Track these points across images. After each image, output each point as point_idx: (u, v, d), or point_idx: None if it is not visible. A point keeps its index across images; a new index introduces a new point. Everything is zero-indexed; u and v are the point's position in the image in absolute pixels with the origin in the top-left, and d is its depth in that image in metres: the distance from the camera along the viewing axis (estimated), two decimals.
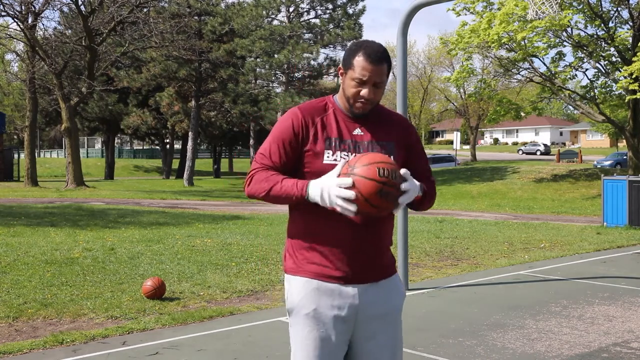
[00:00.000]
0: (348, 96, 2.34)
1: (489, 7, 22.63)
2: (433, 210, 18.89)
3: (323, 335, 2.33)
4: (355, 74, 2.29)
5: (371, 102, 2.34)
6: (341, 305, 2.33)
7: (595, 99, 23.59)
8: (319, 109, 2.40)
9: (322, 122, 2.36)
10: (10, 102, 53.32)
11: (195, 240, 10.98)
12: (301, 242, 2.39)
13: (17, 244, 10.20)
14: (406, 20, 7.31)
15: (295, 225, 2.42)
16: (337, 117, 2.38)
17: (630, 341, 5.24)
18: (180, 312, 6.06)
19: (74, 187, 27.56)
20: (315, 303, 2.33)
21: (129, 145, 72.56)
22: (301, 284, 2.37)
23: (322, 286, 2.34)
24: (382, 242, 2.41)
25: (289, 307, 2.41)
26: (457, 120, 69.38)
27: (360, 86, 2.30)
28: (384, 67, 2.31)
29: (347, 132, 2.36)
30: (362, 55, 2.29)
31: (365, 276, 2.36)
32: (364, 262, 2.35)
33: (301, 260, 2.39)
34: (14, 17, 27.31)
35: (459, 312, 6.19)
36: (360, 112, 2.35)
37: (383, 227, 2.39)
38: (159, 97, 36.64)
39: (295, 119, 2.36)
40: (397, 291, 2.46)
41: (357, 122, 2.39)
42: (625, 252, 10.29)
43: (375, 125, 2.41)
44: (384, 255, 2.42)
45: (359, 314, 2.35)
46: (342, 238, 2.32)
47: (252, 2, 34.09)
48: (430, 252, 10.11)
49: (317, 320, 2.33)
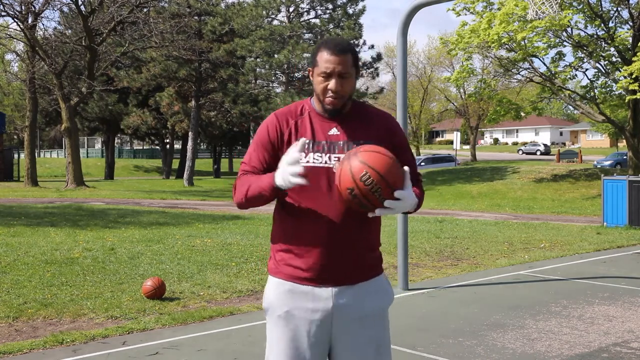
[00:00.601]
0: (318, 93, 2.33)
1: (489, 7, 22.62)
2: (433, 210, 18.90)
3: (295, 337, 2.32)
4: (320, 68, 2.30)
5: (340, 96, 2.30)
6: (315, 307, 2.31)
7: (595, 99, 23.58)
8: (295, 112, 2.40)
9: (296, 125, 2.36)
10: (10, 102, 53.32)
11: (195, 240, 10.98)
12: (279, 244, 2.40)
13: (17, 244, 10.20)
14: (406, 20, 7.31)
15: (275, 227, 2.43)
16: (312, 119, 2.37)
17: (630, 341, 5.24)
18: (180, 312, 6.06)
19: (74, 187, 27.56)
20: (288, 305, 2.33)
21: (129, 145, 72.56)
22: (275, 285, 2.38)
23: (295, 288, 2.34)
24: (362, 244, 2.36)
25: (264, 306, 2.43)
26: (457, 120, 69.37)
27: (326, 80, 2.29)
28: (347, 57, 2.29)
29: (321, 133, 2.34)
30: (323, 49, 2.31)
31: (341, 278, 2.33)
32: (339, 264, 2.32)
33: (278, 261, 2.39)
34: (14, 17, 27.31)
35: (459, 312, 6.19)
36: (332, 108, 2.32)
37: (363, 228, 2.35)
38: (159, 97, 36.64)
39: (271, 124, 2.38)
40: (380, 293, 2.41)
41: (334, 122, 2.36)
42: (625, 252, 10.29)
43: (354, 124, 2.38)
44: (363, 257, 2.37)
45: (335, 316, 2.32)
46: (317, 240, 2.30)
47: (252, 2, 34.10)
48: (430, 252, 10.11)
49: (289, 322, 2.33)
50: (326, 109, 2.35)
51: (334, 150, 2.32)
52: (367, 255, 2.39)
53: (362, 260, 2.37)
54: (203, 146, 58.63)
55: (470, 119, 54.35)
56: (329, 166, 2.31)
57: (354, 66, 2.34)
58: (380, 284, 2.43)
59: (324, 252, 2.30)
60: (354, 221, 2.32)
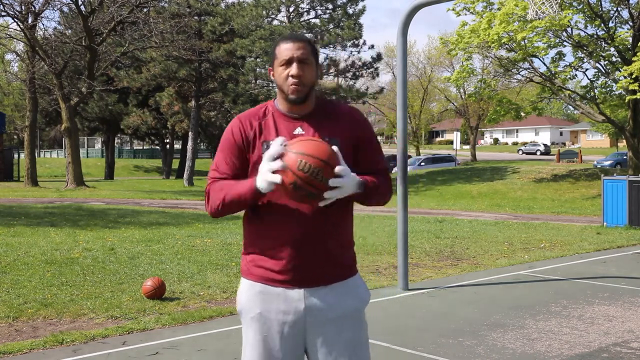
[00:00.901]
0: (281, 85, 2.31)
1: (489, 7, 22.62)
2: (433, 210, 18.91)
3: (268, 339, 2.30)
4: (279, 59, 2.30)
5: (302, 82, 2.28)
6: (287, 309, 2.29)
7: (595, 99, 23.58)
8: (258, 114, 2.38)
9: (260, 127, 2.34)
10: (10, 102, 53.33)
11: (195, 240, 10.99)
12: (250, 245, 2.38)
13: (17, 244, 10.20)
14: (406, 20, 7.31)
15: (245, 228, 2.40)
16: (276, 119, 2.35)
17: (630, 341, 5.24)
18: (180, 312, 6.06)
19: (74, 187, 27.56)
20: (260, 307, 2.31)
21: (129, 145, 72.57)
22: (247, 287, 2.36)
23: (266, 290, 2.31)
24: (333, 243, 2.32)
25: (237, 309, 2.41)
26: (457, 120, 69.38)
27: (287, 67, 2.29)
28: (303, 44, 2.30)
29: (286, 133, 2.31)
30: (281, 42, 2.33)
31: (312, 279, 2.30)
32: (311, 265, 2.29)
33: (249, 262, 2.37)
34: (14, 17, 27.31)
35: (459, 312, 6.19)
36: (295, 97, 2.29)
37: (335, 227, 2.32)
38: (159, 97, 36.64)
39: (235, 127, 2.36)
40: (354, 294, 2.37)
41: (299, 121, 2.34)
42: (625, 252, 10.29)
43: (319, 122, 2.34)
44: (336, 256, 2.34)
45: (308, 318, 2.30)
46: (287, 240, 2.27)
47: (252, 2, 34.09)
48: (430, 252, 10.11)
49: (262, 324, 2.31)
50: (290, 100, 2.31)
51: None
52: (340, 254, 2.36)
53: (335, 260, 2.33)
54: (203, 146, 58.60)
55: (470, 119, 54.35)
56: None
57: (313, 56, 2.33)
58: (355, 284, 2.39)
59: (295, 252, 2.28)
60: (325, 220, 2.29)
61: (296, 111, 2.35)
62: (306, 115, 2.35)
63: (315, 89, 2.38)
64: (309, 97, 2.34)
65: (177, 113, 37.03)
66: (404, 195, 7.29)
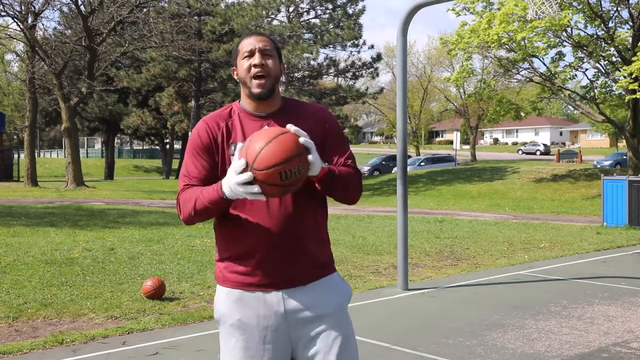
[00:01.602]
0: (244, 78, 2.28)
1: (488, 7, 22.62)
2: (433, 210, 18.91)
3: (250, 346, 2.25)
4: (241, 53, 2.29)
5: (266, 72, 2.25)
6: (266, 313, 2.24)
7: (595, 99, 23.58)
8: (224, 115, 2.33)
9: (227, 128, 2.30)
10: (10, 102, 53.30)
11: (195, 240, 10.98)
12: (223, 251, 2.32)
13: (17, 244, 10.20)
14: (406, 20, 7.31)
15: (217, 233, 2.34)
16: (242, 120, 2.31)
17: (630, 341, 5.24)
18: (180, 312, 6.06)
19: (73, 187, 27.55)
20: (239, 313, 2.26)
21: (129, 145, 72.57)
22: (225, 294, 2.30)
23: (244, 295, 2.26)
24: (308, 242, 2.27)
25: (215, 317, 2.35)
26: (457, 120, 69.39)
27: (249, 59, 2.27)
28: (265, 38, 2.30)
29: (253, 133, 2.25)
30: (243, 39, 2.32)
31: (290, 280, 2.25)
32: (286, 266, 2.24)
33: (223, 269, 2.31)
34: (14, 17, 27.31)
35: (459, 312, 6.19)
36: (260, 90, 2.25)
37: (306, 225, 2.27)
38: (158, 97, 36.65)
39: (202, 130, 2.31)
40: (334, 291, 2.32)
41: (265, 120, 2.30)
42: (625, 252, 10.29)
43: (286, 120, 2.28)
44: (311, 255, 2.28)
45: (289, 320, 2.25)
46: (261, 242, 2.22)
47: (252, 2, 34.09)
48: (430, 252, 10.11)
49: (242, 331, 2.26)
50: (254, 94, 2.26)
51: None
52: (317, 252, 2.30)
53: (312, 258, 2.28)
54: None
55: (470, 119, 54.36)
56: None
57: (276, 51, 2.31)
58: (334, 281, 2.34)
59: (269, 254, 2.22)
60: (300, 218, 2.24)
61: (262, 109, 2.31)
62: (272, 114, 2.32)
63: (278, 86, 2.35)
64: (274, 91, 2.30)
65: (177, 113, 37.04)
66: (403, 195, 7.29)
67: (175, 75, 34.86)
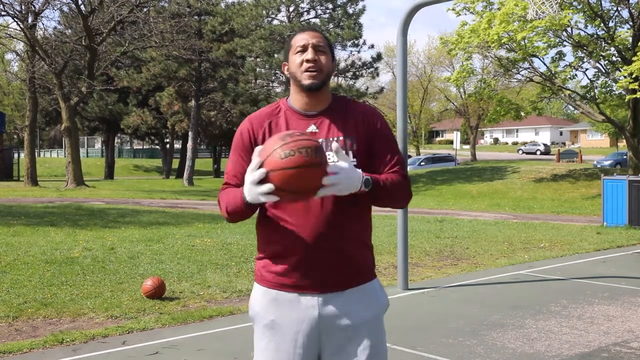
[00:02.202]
0: (294, 72, 2.23)
1: (489, 7, 22.62)
2: (433, 210, 18.90)
3: (281, 347, 2.21)
4: (294, 48, 2.25)
5: (318, 67, 2.21)
6: (300, 317, 2.19)
7: (595, 98, 23.58)
8: (270, 113, 2.30)
9: (270, 126, 2.25)
10: (10, 101, 53.34)
11: (195, 239, 10.98)
12: (263, 250, 2.29)
13: (17, 243, 10.20)
14: (406, 20, 7.30)
15: (258, 232, 2.32)
16: (287, 118, 2.26)
17: (630, 341, 5.24)
18: (180, 312, 6.06)
19: (73, 187, 27.55)
20: (273, 314, 2.22)
21: (129, 145, 72.55)
22: (261, 293, 2.28)
23: (280, 296, 2.22)
24: (350, 247, 2.21)
25: (250, 315, 2.33)
26: (457, 120, 69.38)
27: (302, 54, 2.23)
28: (319, 34, 2.27)
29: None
30: (296, 34, 2.29)
31: (327, 285, 2.19)
32: (325, 270, 2.18)
33: (261, 267, 2.28)
34: (14, 17, 27.30)
35: (459, 312, 6.19)
36: (311, 82, 2.20)
37: (349, 229, 2.20)
38: (159, 97, 36.65)
39: (244, 129, 2.28)
40: (371, 301, 2.26)
41: (313, 119, 2.25)
42: (625, 252, 10.29)
43: (333, 119, 2.24)
44: (352, 261, 2.22)
45: (322, 325, 2.19)
46: (301, 243, 2.16)
47: (252, 2, 34.09)
48: (430, 252, 10.11)
49: (275, 332, 2.22)
50: (305, 86, 2.21)
51: None
52: (356, 259, 2.24)
53: (352, 264, 2.22)
54: (203, 146, 58.62)
55: (470, 119, 54.36)
56: None
57: (328, 48, 2.27)
58: (372, 289, 2.28)
59: (308, 256, 2.17)
60: (342, 221, 2.18)
61: (311, 107, 2.26)
62: (321, 112, 2.26)
63: (329, 83, 2.30)
64: (324, 86, 2.25)
65: (177, 113, 37.03)
66: None
67: (176, 75, 34.85)
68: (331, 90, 2.34)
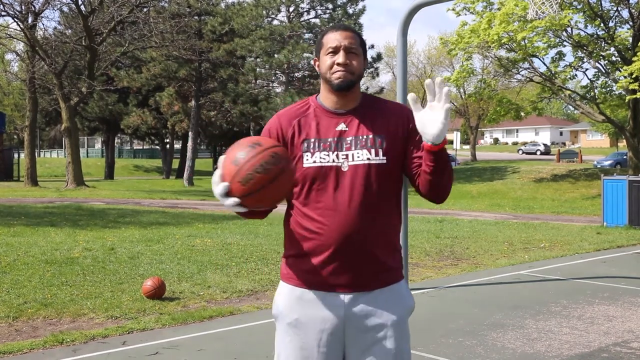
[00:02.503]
0: (325, 72, 2.21)
1: (489, 7, 22.64)
2: (433, 210, 18.89)
3: (305, 346, 2.19)
4: (326, 47, 2.21)
5: (349, 70, 2.18)
6: (325, 316, 2.18)
7: (595, 98, 23.59)
8: (299, 110, 2.28)
9: (299, 124, 2.24)
10: (10, 102, 53.31)
11: (195, 240, 10.98)
12: (289, 248, 2.28)
13: (17, 243, 10.20)
14: (406, 20, 7.30)
15: (285, 231, 2.30)
16: (317, 115, 2.24)
17: (630, 341, 5.24)
18: (180, 312, 6.06)
19: (73, 187, 27.56)
20: (298, 312, 2.21)
21: (129, 145, 72.54)
22: (286, 291, 2.26)
23: (306, 295, 2.21)
24: (377, 247, 2.19)
25: (273, 313, 2.31)
26: (457, 120, 69.36)
27: (334, 55, 2.19)
28: (352, 34, 2.22)
29: (328, 130, 2.21)
30: (329, 31, 2.24)
31: (355, 284, 2.18)
32: (352, 270, 2.17)
33: (288, 266, 2.27)
34: (14, 17, 27.31)
35: (459, 312, 6.19)
36: (341, 81, 2.18)
37: (377, 228, 2.19)
38: (159, 97, 36.62)
39: (272, 126, 2.27)
40: (398, 302, 2.26)
41: (342, 117, 2.23)
42: (625, 252, 10.30)
43: (363, 118, 2.22)
44: (379, 261, 2.20)
45: (348, 325, 2.19)
46: (328, 243, 2.15)
47: (252, 2, 34.08)
48: (430, 252, 10.11)
49: (299, 330, 2.20)
50: (335, 85, 2.19)
51: (341, 148, 2.19)
52: (384, 259, 2.22)
53: (379, 264, 2.20)
54: (203, 146, 58.64)
55: (470, 119, 54.34)
56: (337, 165, 2.17)
57: (361, 47, 2.24)
58: (399, 291, 2.27)
59: (334, 255, 2.15)
60: (371, 220, 2.16)
61: (340, 105, 2.24)
62: (350, 111, 2.24)
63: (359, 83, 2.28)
64: (354, 87, 2.23)
65: (177, 113, 37.01)
66: (404, 194, 7.29)
67: (176, 75, 34.84)
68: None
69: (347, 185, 2.16)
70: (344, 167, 2.17)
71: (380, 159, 2.17)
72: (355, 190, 2.16)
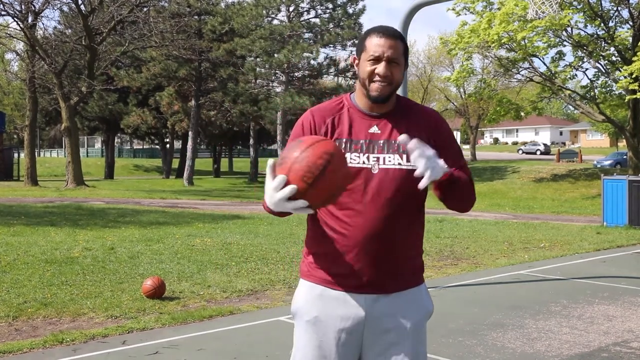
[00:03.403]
0: (364, 79, 2.18)
1: (489, 7, 22.64)
2: (433, 210, 18.89)
3: (322, 345, 2.20)
4: (368, 53, 2.17)
5: (389, 82, 2.16)
6: (345, 315, 2.19)
7: (595, 98, 23.60)
8: (333, 108, 2.26)
9: (332, 123, 2.23)
10: (10, 101, 53.28)
11: (195, 239, 10.98)
12: (312, 246, 2.28)
13: (17, 243, 10.20)
14: (406, 19, 7.30)
15: (309, 229, 2.31)
16: (351, 115, 2.23)
17: (630, 341, 5.24)
18: (180, 312, 6.06)
19: (73, 187, 27.55)
20: (317, 310, 2.22)
21: (129, 145, 72.51)
22: (306, 289, 2.27)
23: (326, 293, 2.21)
24: (401, 250, 2.21)
25: (292, 310, 2.31)
26: (457, 120, 69.35)
27: (375, 64, 2.16)
28: (398, 43, 2.17)
29: (360, 131, 2.21)
30: (373, 34, 2.19)
31: (376, 286, 2.19)
32: (376, 270, 2.17)
33: (310, 264, 2.28)
34: (14, 17, 27.31)
35: (459, 312, 6.19)
36: (378, 94, 2.17)
37: (404, 233, 2.21)
38: (159, 97, 36.61)
39: (306, 121, 2.25)
40: (417, 305, 2.25)
41: (376, 119, 2.23)
42: (625, 251, 10.30)
43: (397, 121, 2.22)
44: (402, 264, 2.22)
45: (367, 326, 2.19)
46: (353, 244, 2.16)
47: (252, 2, 34.08)
48: (430, 252, 10.11)
49: (317, 328, 2.21)
50: (371, 97, 2.19)
51: (373, 150, 2.19)
52: (407, 262, 2.24)
53: (401, 267, 2.22)
54: (203, 146, 58.63)
55: (470, 119, 54.31)
56: (367, 167, 2.17)
57: (404, 56, 2.21)
58: (419, 294, 2.28)
59: (359, 256, 2.16)
60: (395, 223, 2.18)
61: (375, 109, 2.24)
62: (384, 114, 2.24)
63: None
64: (391, 97, 2.22)
65: (177, 112, 37.00)
66: None
67: (176, 75, 34.83)
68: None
69: (375, 187, 2.17)
70: (374, 169, 2.18)
71: (411, 165, 2.15)
72: (383, 193, 2.17)
